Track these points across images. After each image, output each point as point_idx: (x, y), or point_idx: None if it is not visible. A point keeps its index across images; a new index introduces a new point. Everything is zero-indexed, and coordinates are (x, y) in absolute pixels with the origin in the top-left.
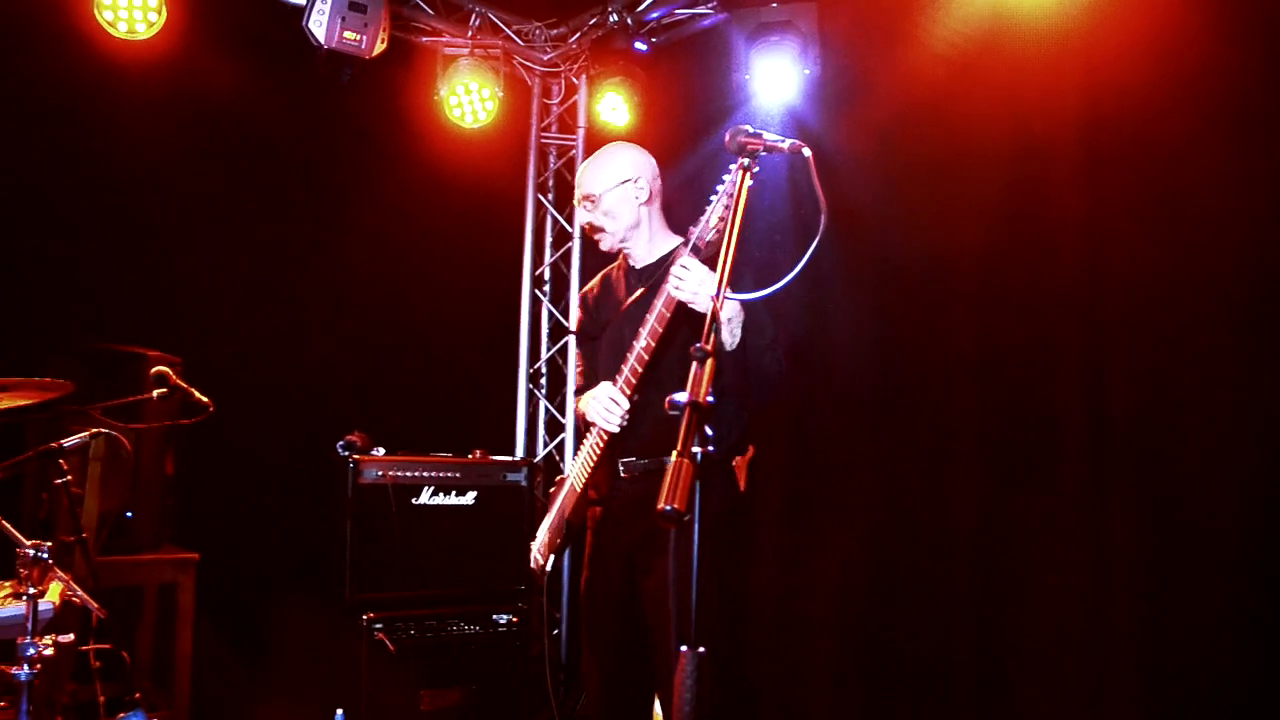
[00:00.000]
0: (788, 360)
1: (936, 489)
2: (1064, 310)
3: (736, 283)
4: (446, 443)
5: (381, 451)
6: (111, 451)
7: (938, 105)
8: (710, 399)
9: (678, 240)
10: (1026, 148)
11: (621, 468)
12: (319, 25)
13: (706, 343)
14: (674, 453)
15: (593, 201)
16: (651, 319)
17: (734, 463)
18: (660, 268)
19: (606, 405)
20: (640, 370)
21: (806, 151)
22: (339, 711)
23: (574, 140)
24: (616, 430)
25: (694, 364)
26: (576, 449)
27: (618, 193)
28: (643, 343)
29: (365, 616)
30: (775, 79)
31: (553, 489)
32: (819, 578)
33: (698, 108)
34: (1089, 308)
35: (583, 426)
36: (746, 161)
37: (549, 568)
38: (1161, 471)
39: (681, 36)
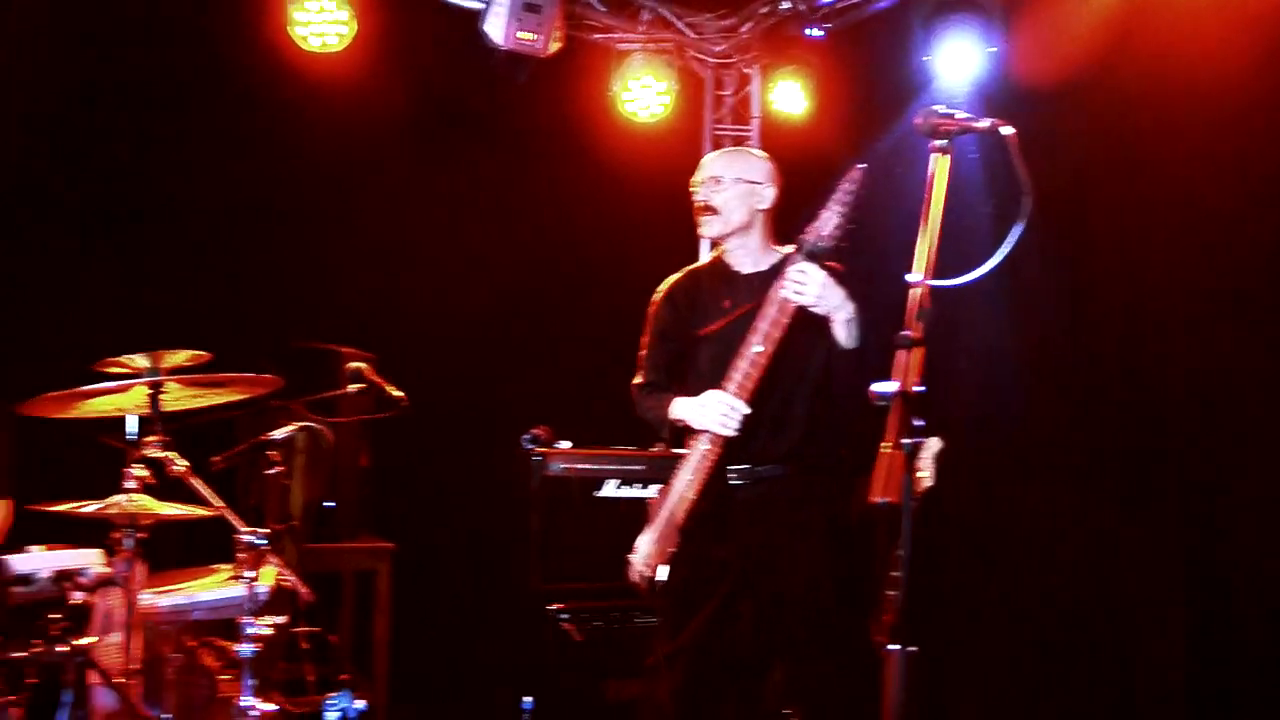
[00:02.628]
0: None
1: (1137, 493)
2: None
3: (846, 280)
4: (628, 436)
5: (566, 444)
6: (314, 444)
7: (1141, 76)
8: (920, 388)
9: (782, 254)
10: (1248, 112)
11: (733, 474)
12: (495, 27)
13: (914, 330)
14: (883, 444)
15: (717, 183)
16: (765, 325)
17: (921, 456)
18: (772, 277)
19: (724, 411)
20: (757, 376)
21: (1007, 130)
22: (526, 699)
23: (749, 131)
24: (732, 436)
25: (899, 351)
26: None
27: (744, 188)
28: (759, 349)
29: (551, 606)
30: (958, 58)
31: (653, 498)
32: (1014, 575)
33: (878, 93)
34: None
35: (680, 433)
36: (942, 144)
37: (660, 577)
38: None
39: (857, 20)
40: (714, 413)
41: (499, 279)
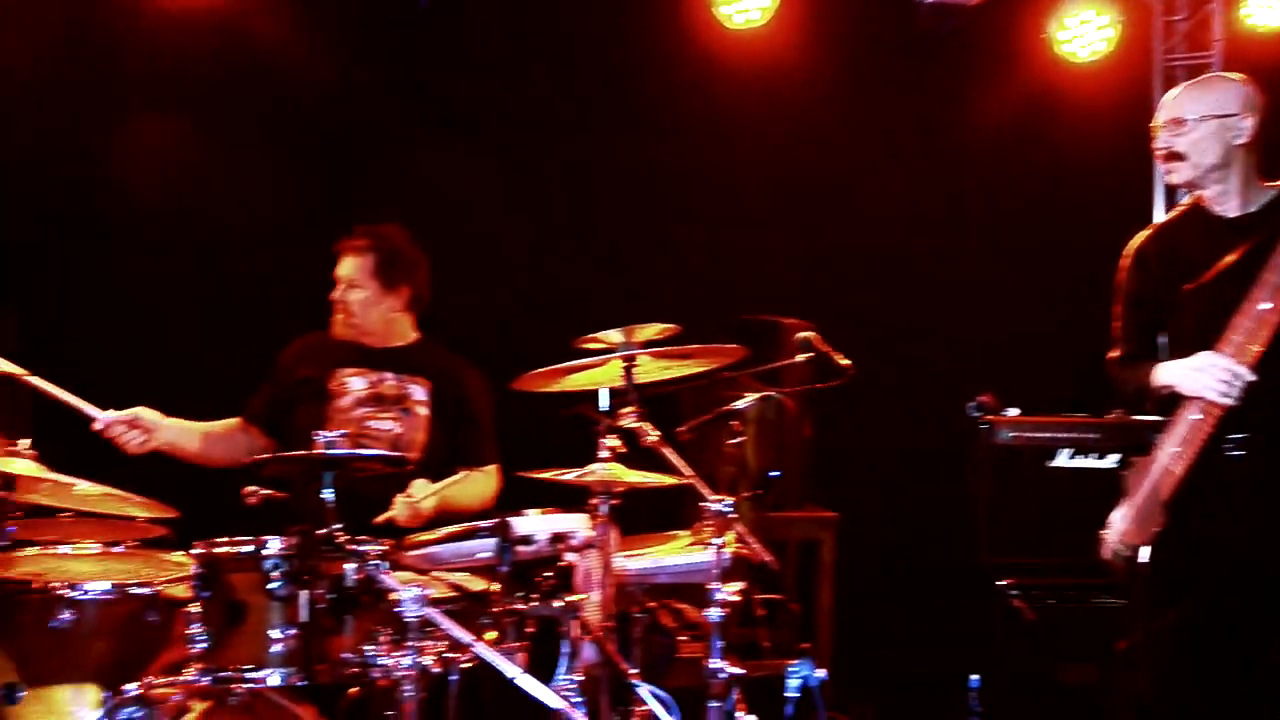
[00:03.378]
0: None
1: None
2: None
3: None
4: (1081, 402)
5: (1014, 412)
6: (766, 414)
7: None
8: None
9: (1273, 191)
10: None
11: (1230, 446)
12: None
13: None
14: None
15: (1180, 125)
16: (1277, 278)
17: None
18: (1265, 219)
19: (1222, 377)
20: (1266, 337)
21: None
22: (973, 676)
23: (1208, 57)
24: (1231, 404)
25: None
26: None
27: (1214, 124)
28: (1267, 306)
29: (1001, 582)
30: None
31: (1129, 470)
32: None
33: None
34: None
35: (1166, 402)
36: None
37: (1141, 558)
38: None
39: None
40: (1210, 378)
41: (938, 239)
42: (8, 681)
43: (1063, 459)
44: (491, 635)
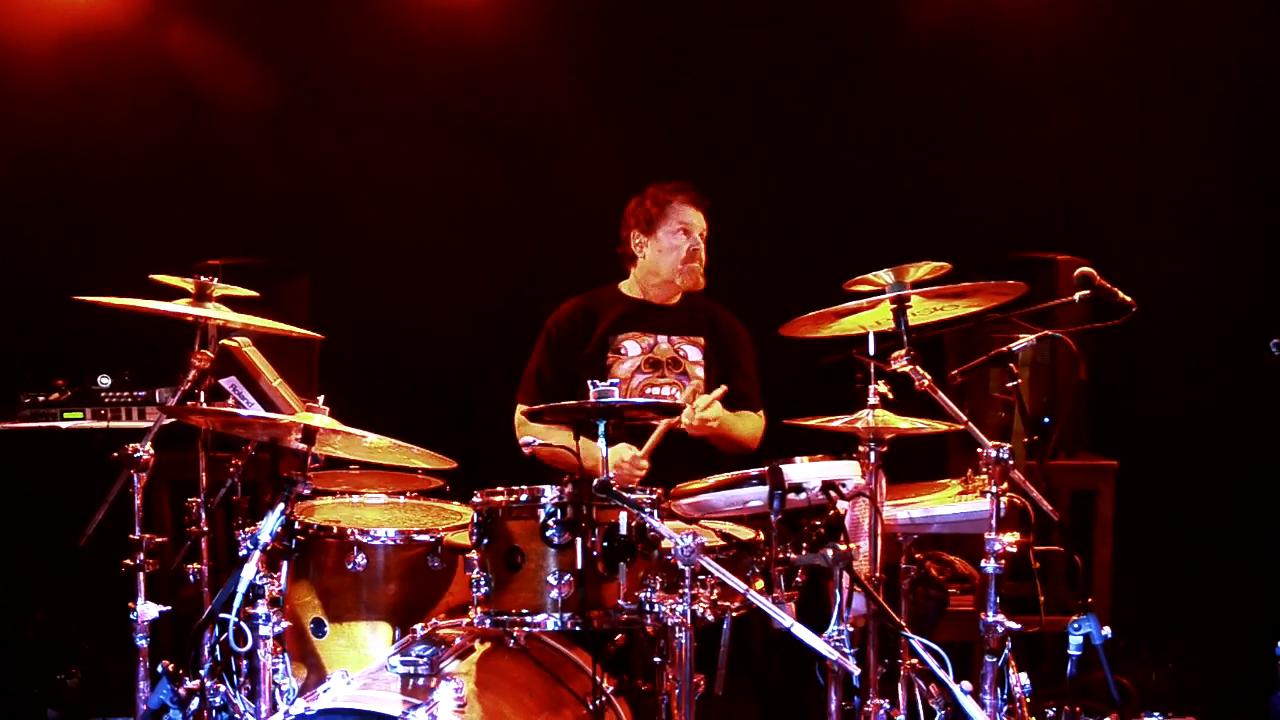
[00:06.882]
0: None
1: None
2: None
3: None
4: None
5: None
6: (1040, 356)
7: None
8: None
9: None
10: None
11: None
12: None
13: None
14: None
15: None
16: None
17: None
18: None
19: None
20: None
21: None
22: None
23: None
24: None
25: None
26: None
27: None
28: None
29: None
30: None
31: None
32: None
33: None
34: None
35: None
36: None
37: None
38: None
39: None
40: None
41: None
42: (315, 617)
43: None
44: (758, 585)
